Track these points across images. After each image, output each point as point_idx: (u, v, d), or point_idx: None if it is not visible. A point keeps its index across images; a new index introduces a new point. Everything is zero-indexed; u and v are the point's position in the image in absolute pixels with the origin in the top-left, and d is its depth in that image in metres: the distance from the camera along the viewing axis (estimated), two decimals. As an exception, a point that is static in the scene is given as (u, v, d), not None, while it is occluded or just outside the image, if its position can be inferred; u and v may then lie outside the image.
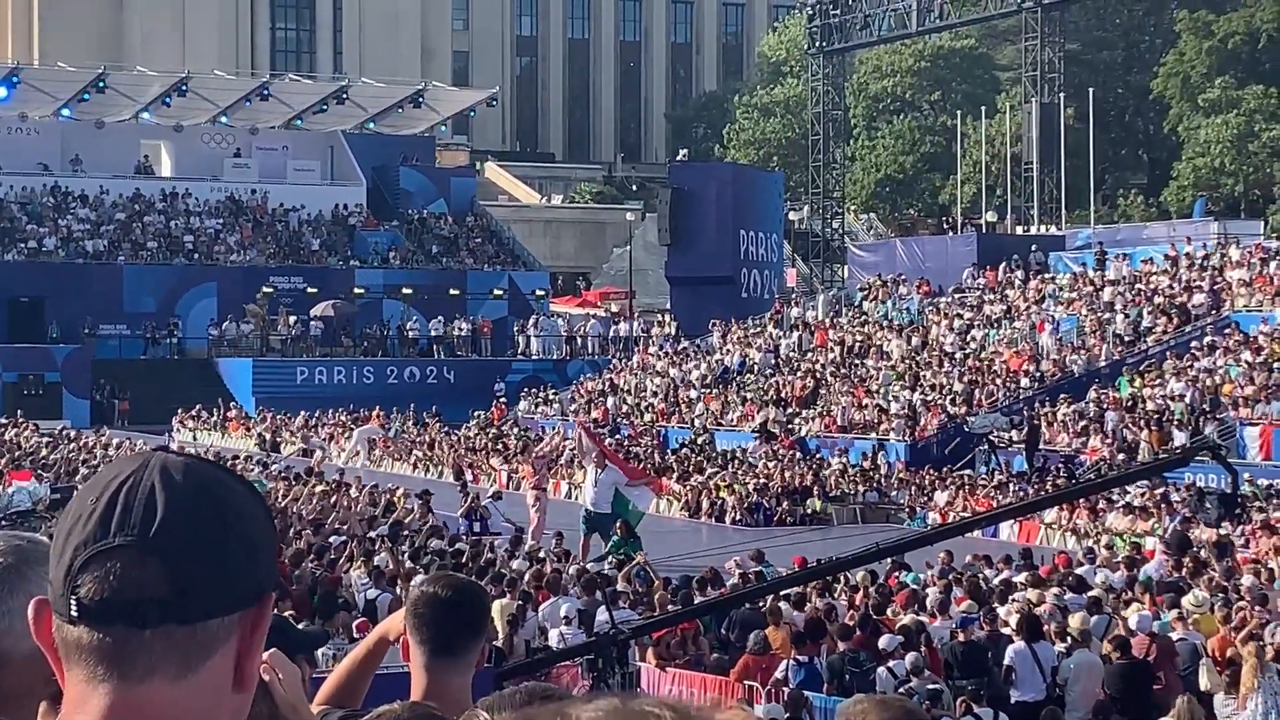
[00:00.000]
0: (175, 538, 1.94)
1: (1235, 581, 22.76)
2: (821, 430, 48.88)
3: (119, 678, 1.94)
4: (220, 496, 2.00)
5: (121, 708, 1.94)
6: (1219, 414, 41.33)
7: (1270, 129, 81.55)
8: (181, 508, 1.96)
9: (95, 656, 1.96)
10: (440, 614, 4.45)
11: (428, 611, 4.43)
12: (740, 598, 19.00)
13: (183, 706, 1.93)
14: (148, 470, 1.99)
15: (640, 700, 1.67)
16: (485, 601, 4.87)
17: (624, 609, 19.68)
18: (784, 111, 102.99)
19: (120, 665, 1.94)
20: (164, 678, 1.92)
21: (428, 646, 4.39)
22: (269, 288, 71.11)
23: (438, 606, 4.46)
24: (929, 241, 70.71)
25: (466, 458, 48.91)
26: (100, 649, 1.95)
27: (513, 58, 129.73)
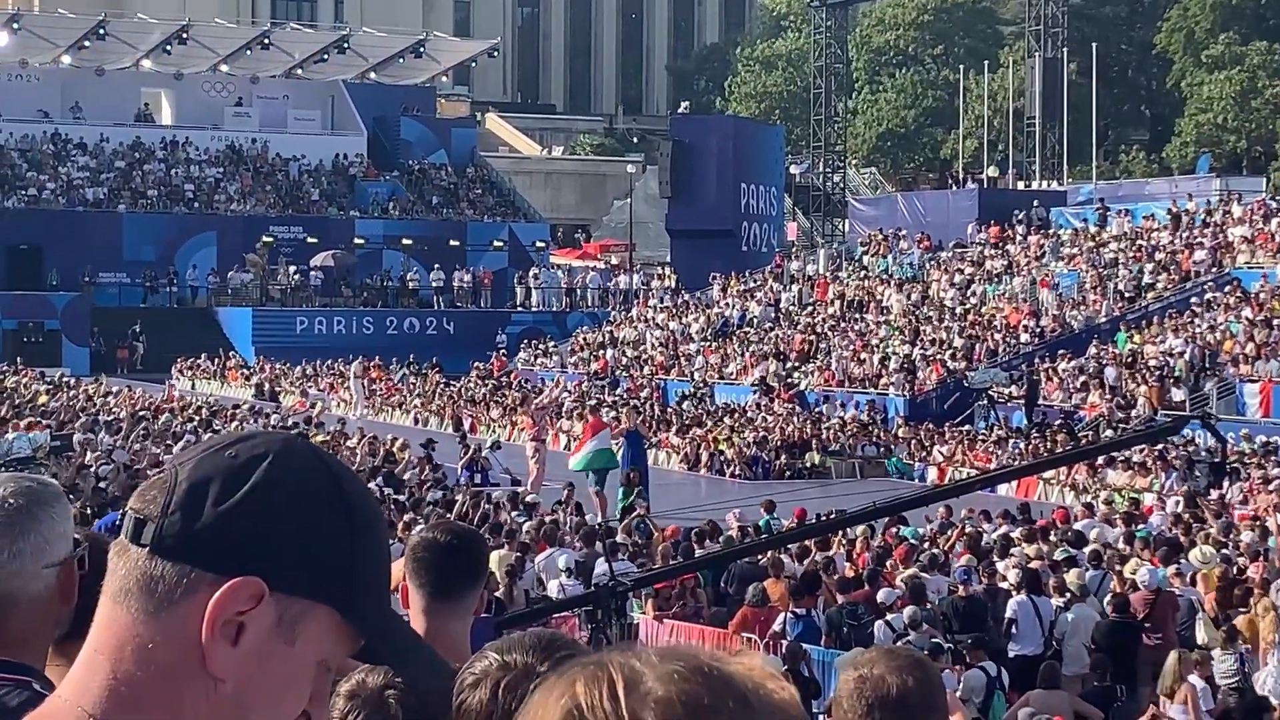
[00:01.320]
0: (208, 481, 1.91)
1: (1234, 538, 22.81)
2: (821, 384, 48.90)
3: (109, 594, 1.94)
4: (294, 478, 1.94)
5: (105, 626, 1.93)
6: (1219, 371, 41.36)
7: (1273, 85, 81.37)
8: (242, 461, 1.93)
9: (108, 568, 1.97)
10: (439, 558, 4.47)
11: (427, 556, 4.46)
12: (740, 551, 19.05)
13: (144, 644, 1.89)
14: (268, 439, 1.99)
15: (689, 650, 1.67)
16: (483, 548, 4.88)
17: (623, 561, 19.72)
18: (785, 65, 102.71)
19: (112, 580, 1.94)
20: (134, 606, 1.90)
21: (426, 590, 4.42)
22: (269, 237, 71.03)
23: (437, 551, 4.49)
24: (930, 196, 70.63)
25: (466, 409, 48.95)
26: (110, 561, 1.96)
27: (514, 8, 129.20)
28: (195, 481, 1.91)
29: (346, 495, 1.97)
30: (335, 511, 1.95)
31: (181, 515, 1.90)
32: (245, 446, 1.94)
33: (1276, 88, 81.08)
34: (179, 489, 1.91)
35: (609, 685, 1.63)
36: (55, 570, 2.93)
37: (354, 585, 1.96)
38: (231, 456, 1.92)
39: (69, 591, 2.95)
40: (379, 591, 2.01)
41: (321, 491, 1.95)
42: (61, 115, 76.45)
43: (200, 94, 79.80)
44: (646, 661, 1.65)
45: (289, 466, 1.94)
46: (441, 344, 64.30)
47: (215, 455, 1.93)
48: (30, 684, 2.69)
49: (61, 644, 2.97)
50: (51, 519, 2.94)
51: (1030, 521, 24.66)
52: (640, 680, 1.63)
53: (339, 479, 1.98)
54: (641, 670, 1.64)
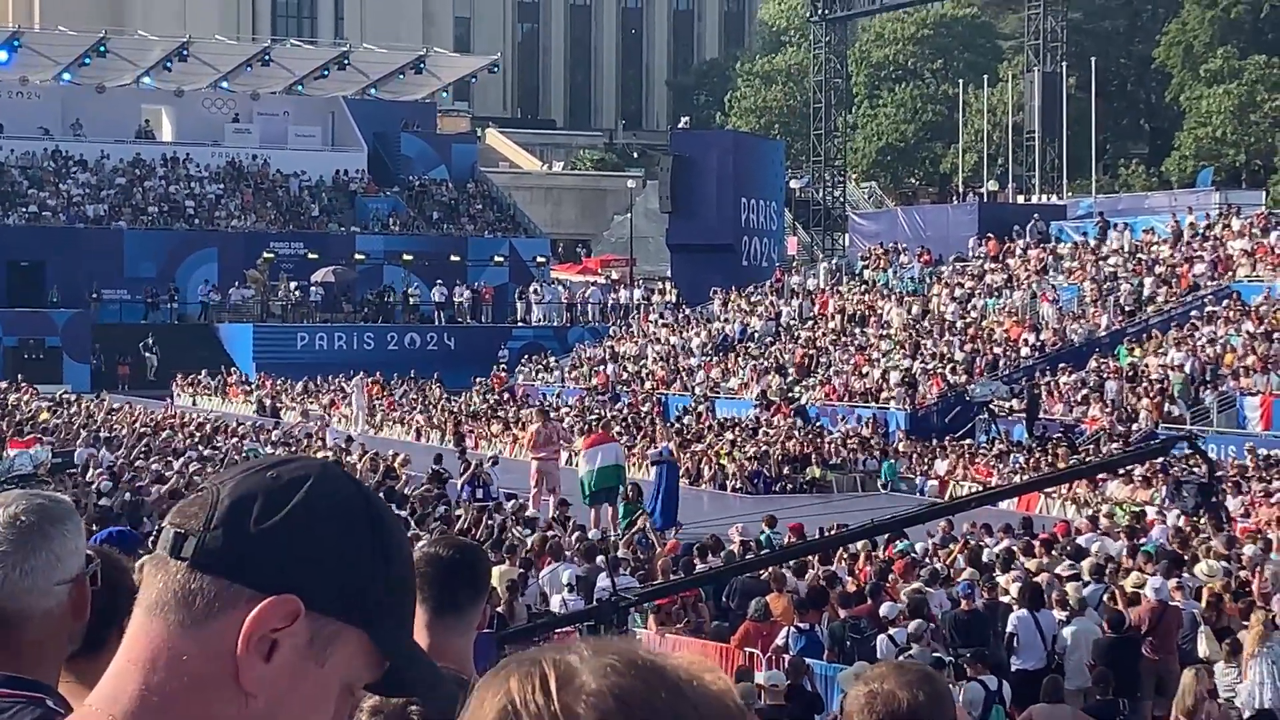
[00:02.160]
0: (251, 500, 1.95)
1: (1236, 551, 22.82)
2: (822, 399, 48.91)
3: (143, 606, 1.98)
4: (331, 502, 1.98)
5: (139, 637, 1.96)
6: (1219, 384, 41.39)
7: (1272, 99, 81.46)
8: (284, 483, 1.97)
9: (143, 581, 2.01)
10: (442, 573, 4.49)
11: (430, 570, 4.46)
12: (742, 567, 19.06)
13: (179, 655, 1.92)
14: (307, 463, 2.03)
15: (625, 644, 1.69)
16: (486, 563, 4.90)
17: (625, 575, 19.74)
18: (785, 79, 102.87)
19: (147, 592, 1.98)
20: (171, 619, 1.93)
21: (430, 605, 4.42)
22: (269, 253, 71.07)
23: (440, 565, 4.50)
24: (930, 210, 70.66)
25: (467, 424, 48.96)
26: (146, 573, 2.00)
27: (514, 24, 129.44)
28: (237, 499, 1.95)
29: (381, 523, 2.01)
30: (370, 538, 1.99)
31: (224, 531, 1.93)
32: (286, 469, 1.98)
33: (1275, 101, 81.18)
34: (221, 505, 1.95)
35: (541, 680, 1.65)
36: (67, 587, 2.95)
37: (384, 611, 1.99)
38: (273, 478, 1.97)
39: (81, 608, 2.97)
40: (407, 619, 2.05)
41: (358, 517, 1.99)
42: (62, 132, 76.53)
43: (201, 110, 79.90)
44: (581, 656, 1.67)
45: (327, 491, 1.97)
46: (442, 359, 64.33)
47: (257, 475, 1.98)
48: (44, 701, 2.71)
49: (74, 660, 2.99)
50: (63, 535, 2.96)
51: (1032, 535, 24.68)
52: (574, 675, 1.65)
53: (374, 506, 2.02)
54: (575, 665, 1.66)
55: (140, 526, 20.75)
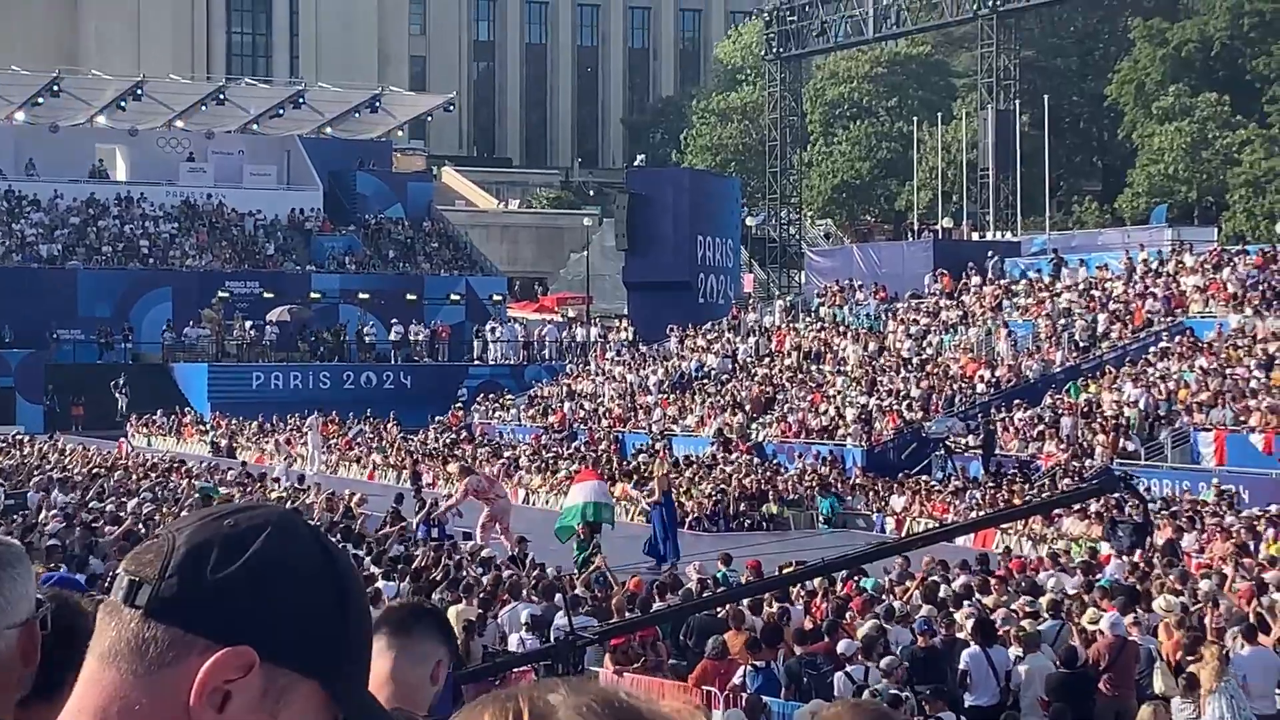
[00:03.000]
0: (207, 548, 1.93)
1: (1191, 586, 22.90)
2: (778, 435, 48.96)
3: (96, 653, 1.95)
4: (289, 552, 1.96)
5: (92, 685, 1.93)
6: (1173, 419, 41.59)
7: (1223, 136, 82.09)
8: (241, 531, 1.95)
9: (96, 627, 1.99)
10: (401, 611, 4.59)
11: (391, 613, 4.63)
12: (698, 605, 19.04)
13: (131, 705, 1.89)
14: (266, 512, 2.01)
15: (603, 686, 1.69)
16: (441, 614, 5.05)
17: (583, 615, 19.68)
18: (741, 117, 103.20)
19: (100, 640, 1.95)
20: (124, 667, 1.91)
21: (385, 630, 4.53)
22: (224, 292, 70.88)
23: (401, 610, 4.67)
24: (885, 247, 70.92)
25: (424, 463, 48.84)
26: (100, 620, 1.98)
27: (470, 63, 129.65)
28: (193, 547, 1.93)
29: (339, 573, 1.99)
30: (327, 588, 1.97)
31: (179, 580, 1.91)
32: (244, 517, 1.96)
33: (1226, 139, 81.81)
34: (177, 554, 1.92)
35: (515, 716, 1.66)
36: (17, 631, 2.92)
37: (341, 662, 1.96)
38: (230, 525, 1.94)
39: (30, 653, 2.94)
40: (362, 671, 2.02)
41: (316, 567, 1.97)
42: (15, 172, 76.23)
43: (155, 150, 79.69)
44: (560, 695, 1.67)
45: (286, 540, 1.95)
46: (399, 398, 64.20)
47: (214, 523, 1.95)
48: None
49: (23, 706, 2.97)
50: (13, 580, 2.93)
51: (988, 572, 24.73)
52: (550, 714, 1.65)
53: (332, 557, 2.00)
54: (553, 703, 1.66)
55: (89, 569, 20.62)
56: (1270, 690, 18.05)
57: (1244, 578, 23.79)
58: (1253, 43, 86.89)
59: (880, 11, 76.21)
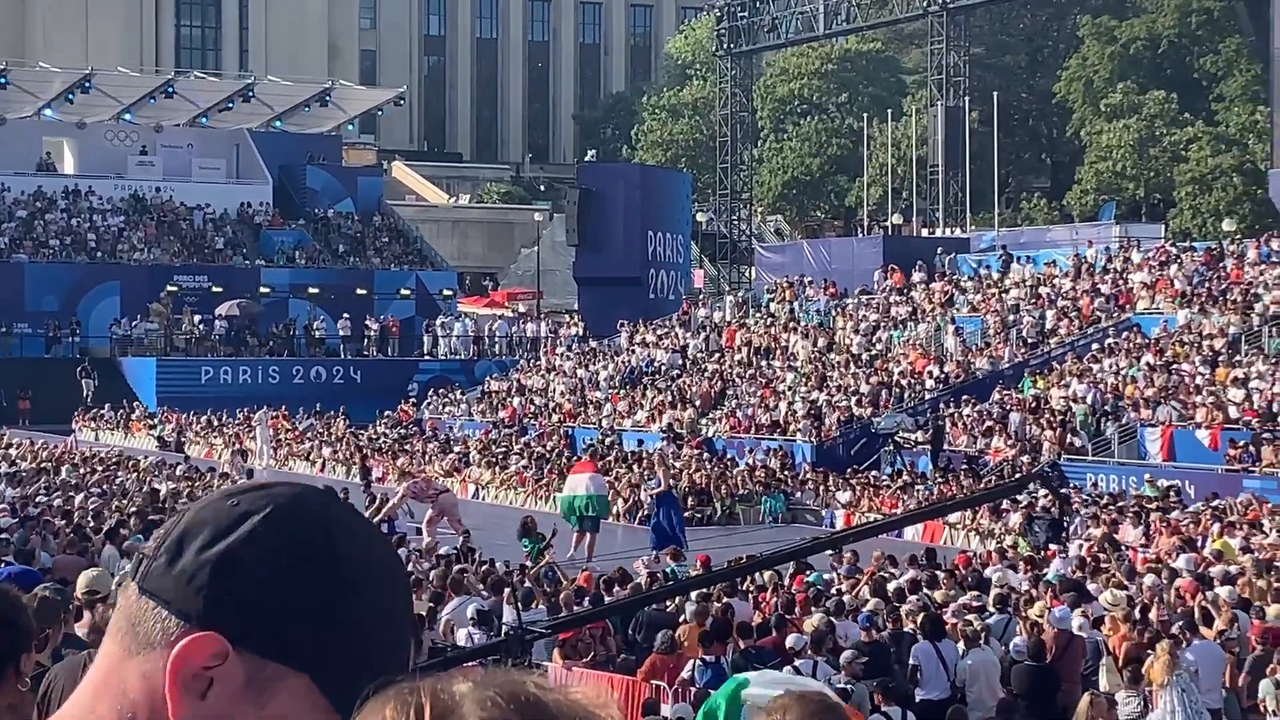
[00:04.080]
0: (202, 527, 1.86)
1: (1138, 582, 23.07)
2: (728, 431, 49.04)
3: (108, 628, 1.91)
4: (283, 537, 1.85)
5: (99, 660, 1.89)
6: (1120, 415, 41.85)
7: (1171, 134, 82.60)
8: (238, 513, 1.86)
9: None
10: None
11: None
12: (647, 598, 19.09)
13: (122, 681, 1.84)
14: (274, 493, 1.91)
15: (511, 677, 1.67)
16: None
17: (535, 609, 19.70)
18: (692, 113, 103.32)
19: (114, 615, 1.91)
20: (123, 643, 1.86)
21: None
22: (173, 286, 70.54)
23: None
24: (835, 243, 71.12)
25: (373, 458, 48.75)
26: (119, 596, 1.93)
27: (420, 57, 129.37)
28: (190, 525, 1.86)
29: (341, 563, 1.86)
30: (324, 577, 1.85)
31: (167, 558, 1.85)
32: (249, 497, 1.88)
33: (1174, 136, 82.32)
34: (175, 531, 1.86)
35: (416, 711, 1.62)
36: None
37: (336, 659, 1.84)
38: (233, 505, 1.87)
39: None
40: (367, 669, 1.84)
41: (312, 554, 1.86)
42: (-38, 164, 75.71)
43: (103, 143, 79.24)
44: (467, 687, 1.64)
45: (284, 524, 1.86)
46: (349, 393, 64.02)
47: (221, 501, 1.88)
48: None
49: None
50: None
51: (936, 566, 24.85)
52: (453, 708, 1.62)
53: (336, 545, 1.87)
54: (457, 697, 1.63)
55: (38, 563, 20.52)
56: (1217, 684, 18.22)
57: (1189, 572, 23.97)
58: (1200, 41, 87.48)
59: (831, 8, 76.40)
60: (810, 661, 17.57)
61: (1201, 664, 17.88)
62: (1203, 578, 23.05)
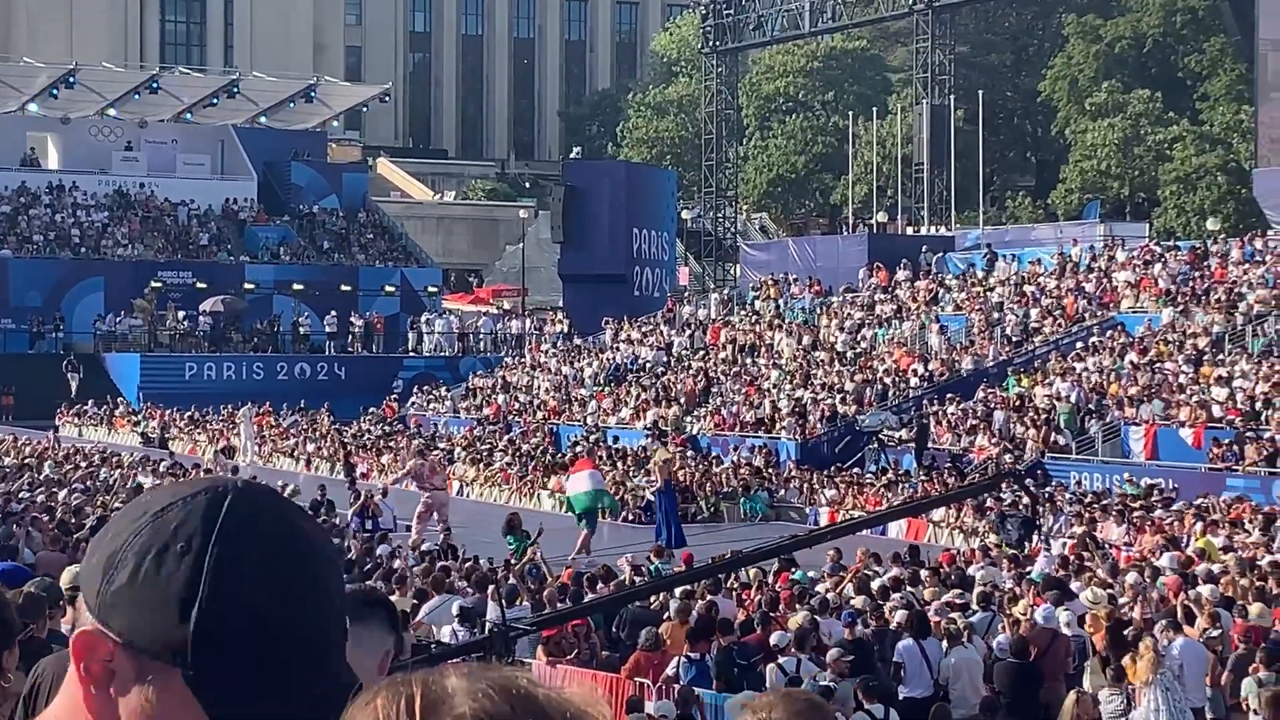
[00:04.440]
0: (119, 521, 1.92)
1: (1120, 580, 23.10)
2: (713, 429, 49.04)
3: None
4: (178, 534, 1.86)
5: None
6: (1104, 413, 41.91)
7: (1156, 133, 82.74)
8: (145, 513, 1.89)
9: None
10: (351, 598, 4.59)
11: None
12: (628, 596, 19.08)
13: (72, 675, 1.89)
14: (192, 488, 1.93)
15: (503, 671, 1.68)
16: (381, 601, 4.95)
17: (524, 605, 19.70)
18: (677, 110, 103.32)
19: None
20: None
21: None
22: (157, 283, 70.42)
23: (351, 597, 4.60)
24: (820, 241, 71.14)
25: (358, 454, 48.70)
26: None
27: (406, 53, 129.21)
28: (108, 522, 1.93)
29: (225, 560, 1.84)
30: (209, 574, 1.84)
31: (86, 555, 1.91)
32: (163, 493, 1.90)
33: (1158, 135, 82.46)
34: (104, 527, 1.93)
35: (408, 702, 1.64)
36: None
37: (216, 658, 1.83)
38: (148, 501, 1.90)
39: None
40: (258, 670, 1.84)
41: (200, 551, 1.84)
42: (-54, 159, 75.54)
43: (88, 138, 79.08)
44: (458, 680, 1.65)
45: (183, 519, 1.86)
46: (334, 389, 63.94)
47: (134, 507, 1.92)
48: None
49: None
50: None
51: (919, 564, 24.88)
52: (444, 700, 1.63)
53: (214, 542, 1.85)
54: (449, 689, 1.64)
55: (21, 559, 20.46)
56: (1200, 682, 18.25)
57: (1172, 570, 24.01)
58: (1185, 40, 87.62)
59: (816, 6, 76.39)
60: (794, 659, 17.58)
61: (1185, 662, 17.92)
62: (1186, 576, 23.10)
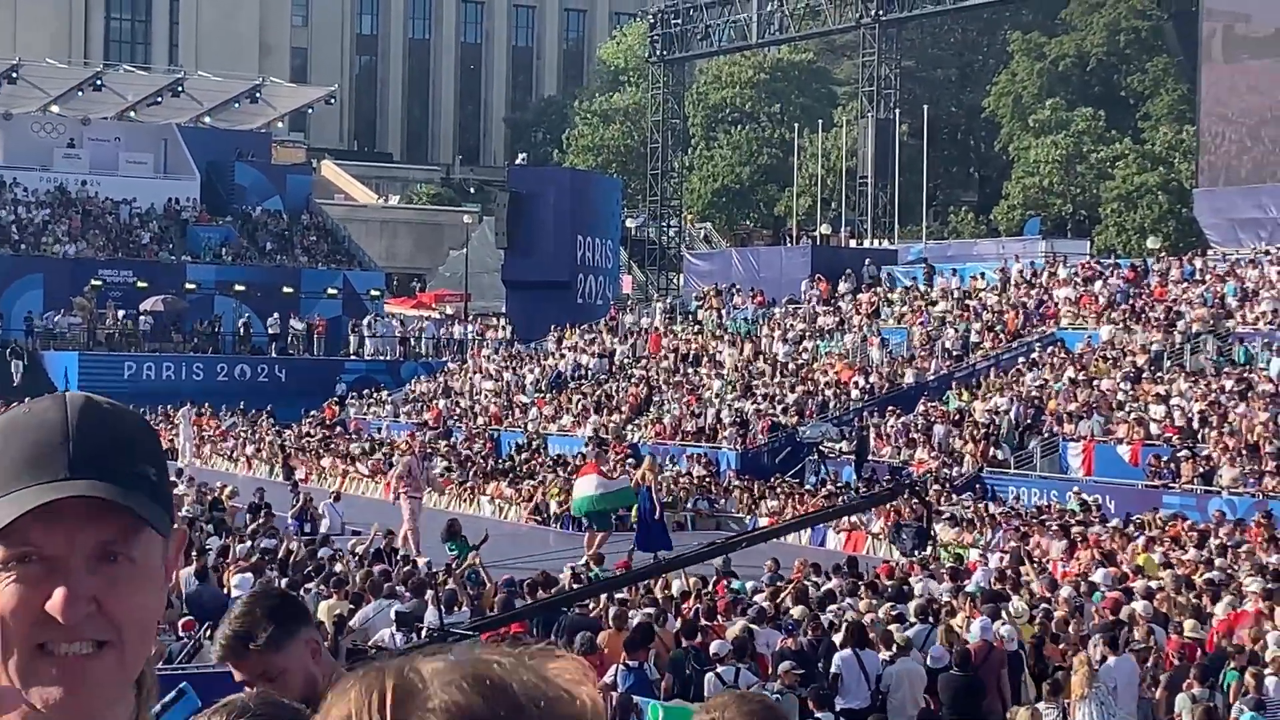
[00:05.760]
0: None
1: (1056, 594, 23.24)
2: (654, 437, 49.07)
3: None
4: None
5: None
6: (1042, 429, 42.15)
7: (1098, 150, 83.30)
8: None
9: None
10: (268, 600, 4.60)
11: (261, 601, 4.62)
12: (564, 600, 19.10)
13: None
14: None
15: (477, 651, 1.68)
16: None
17: (464, 611, 19.68)
18: (623, 119, 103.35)
19: None
20: None
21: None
22: (97, 281, 69.95)
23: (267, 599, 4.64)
24: (764, 252, 71.30)
25: (297, 457, 48.52)
26: None
27: (352, 56, 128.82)
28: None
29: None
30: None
31: None
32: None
33: (1101, 153, 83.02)
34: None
35: (380, 696, 1.64)
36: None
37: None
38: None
39: None
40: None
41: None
42: (-115, 153, 74.84)
43: (29, 134, 78.44)
44: (432, 670, 1.65)
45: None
46: (274, 391, 63.67)
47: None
48: None
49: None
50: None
51: (858, 576, 24.96)
52: (416, 692, 1.63)
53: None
54: (423, 679, 1.64)
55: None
56: (1132, 697, 18.38)
57: (1108, 587, 24.17)
58: (1128, 59, 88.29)
59: (764, 18, 76.59)
60: (733, 668, 17.61)
61: (1119, 678, 18.04)
62: (1126, 591, 23.25)
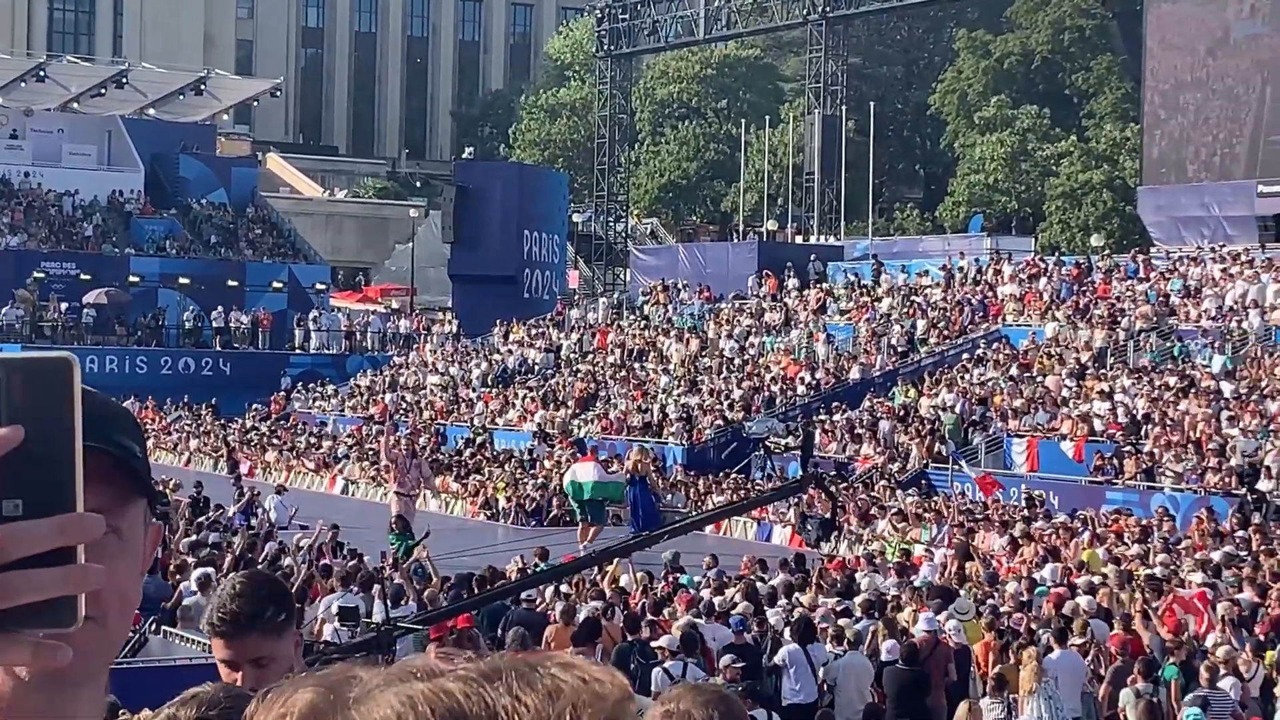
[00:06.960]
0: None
1: (1000, 589, 23.35)
2: (600, 432, 49.07)
3: None
4: None
5: None
6: (987, 425, 42.35)
7: (1042, 148, 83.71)
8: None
9: None
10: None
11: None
12: (504, 591, 19.10)
13: None
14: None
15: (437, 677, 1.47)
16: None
17: (408, 605, 19.62)
18: (570, 114, 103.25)
19: None
20: None
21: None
22: (40, 273, 69.45)
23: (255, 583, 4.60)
24: (711, 248, 71.39)
25: (241, 451, 48.33)
26: None
27: (298, 48, 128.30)
28: None
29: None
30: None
31: None
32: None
33: (1045, 150, 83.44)
34: None
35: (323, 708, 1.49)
36: None
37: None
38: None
39: None
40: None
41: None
42: None
43: (-29, 125, 77.87)
44: (376, 682, 1.47)
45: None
46: (218, 385, 63.39)
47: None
48: None
49: None
50: None
51: (805, 571, 25.02)
52: (360, 702, 1.46)
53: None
54: (369, 689, 1.46)
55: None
56: (1077, 692, 18.48)
57: (1053, 582, 24.30)
58: (1073, 57, 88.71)
59: (711, 13, 76.63)
60: (680, 663, 17.62)
61: (1062, 672, 18.14)
62: (1071, 587, 23.38)
